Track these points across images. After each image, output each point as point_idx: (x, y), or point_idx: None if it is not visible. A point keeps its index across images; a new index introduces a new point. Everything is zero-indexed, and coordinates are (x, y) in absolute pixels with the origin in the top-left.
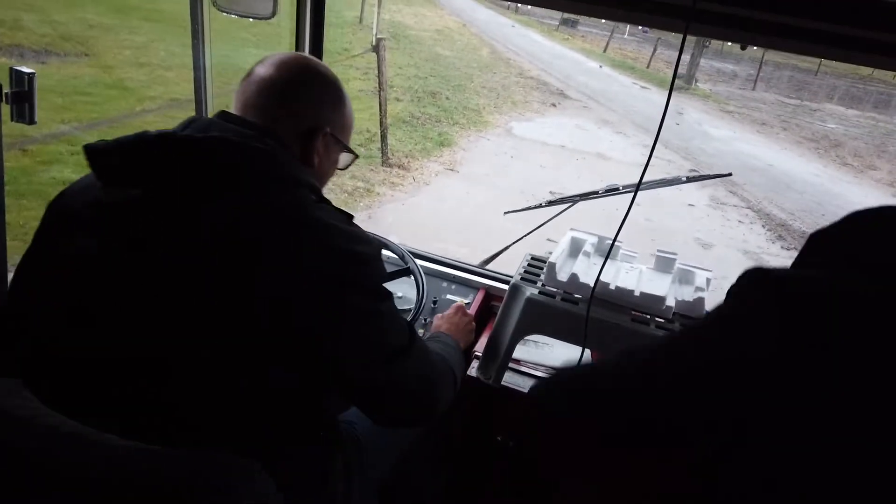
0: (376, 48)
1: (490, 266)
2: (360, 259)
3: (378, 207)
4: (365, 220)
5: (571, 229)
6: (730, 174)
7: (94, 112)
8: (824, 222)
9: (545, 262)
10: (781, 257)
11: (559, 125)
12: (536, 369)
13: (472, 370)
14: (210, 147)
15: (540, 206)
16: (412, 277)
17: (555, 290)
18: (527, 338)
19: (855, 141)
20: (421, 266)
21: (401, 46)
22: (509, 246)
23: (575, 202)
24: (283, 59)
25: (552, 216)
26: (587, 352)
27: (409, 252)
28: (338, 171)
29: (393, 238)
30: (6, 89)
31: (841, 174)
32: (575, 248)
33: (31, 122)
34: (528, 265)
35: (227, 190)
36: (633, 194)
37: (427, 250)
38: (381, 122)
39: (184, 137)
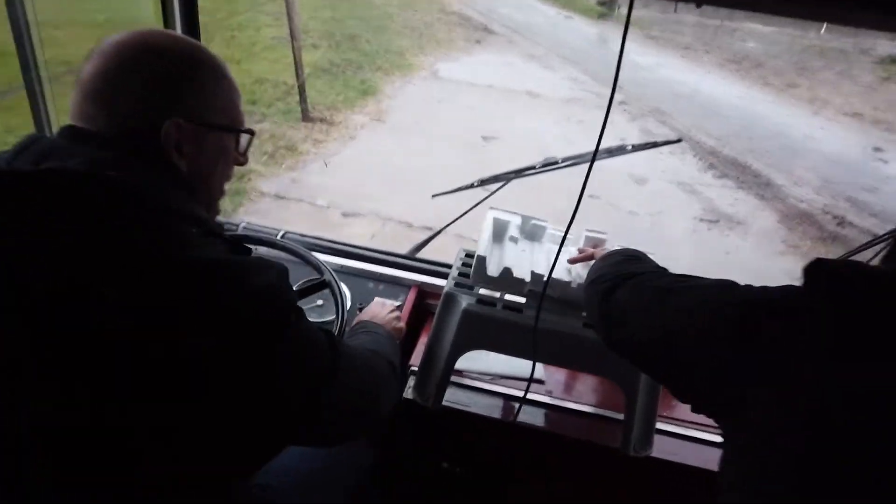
0: None
1: (422, 254)
2: (263, 294)
3: (303, 168)
4: (289, 185)
5: (491, 208)
6: (679, 140)
7: None
8: (754, 147)
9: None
10: (714, 186)
11: (485, 63)
12: (481, 380)
13: (409, 391)
14: (44, 185)
15: (472, 185)
16: (331, 290)
17: (495, 296)
18: None
19: (775, 59)
20: (343, 265)
21: None
22: (439, 232)
23: (509, 180)
24: (103, 45)
25: (486, 196)
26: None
27: (329, 243)
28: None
29: (321, 202)
30: None
31: (763, 94)
32: (498, 233)
33: None
34: (462, 265)
35: (73, 244)
36: (586, 169)
37: (357, 212)
38: (297, 75)
39: (9, 173)
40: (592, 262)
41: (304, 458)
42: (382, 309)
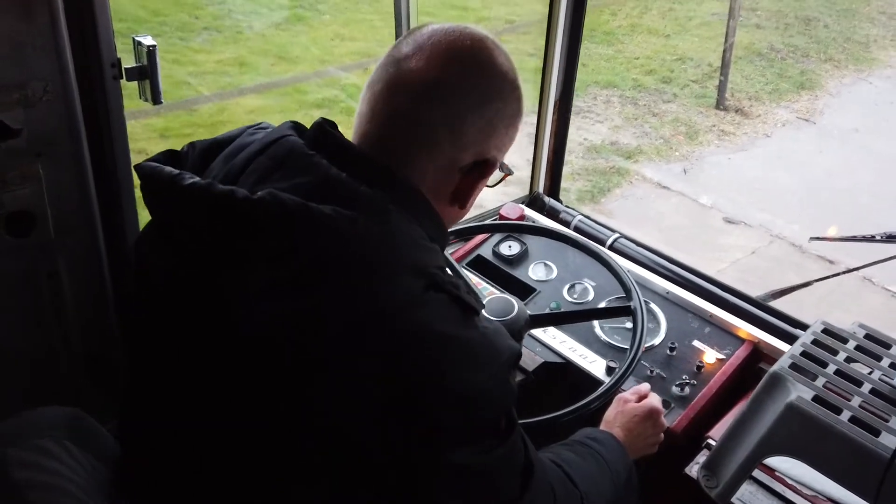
0: None
1: (776, 303)
2: (468, 396)
3: (697, 160)
4: (677, 175)
5: None
6: None
7: None
8: None
9: (846, 341)
10: None
11: None
12: (796, 490)
13: (693, 468)
14: (251, 218)
15: (871, 238)
16: (633, 321)
17: (847, 402)
18: None
19: None
20: (671, 291)
21: None
22: (809, 283)
23: None
24: (446, 45)
25: (889, 256)
26: None
27: (664, 261)
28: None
29: (704, 200)
30: (126, 64)
31: None
32: None
33: (156, 101)
34: (813, 343)
35: (271, 285)
36: None
37: (744, 220)
38: (723, 55)
39: (220, 200)
40: None
41: None
42: (648, 420)
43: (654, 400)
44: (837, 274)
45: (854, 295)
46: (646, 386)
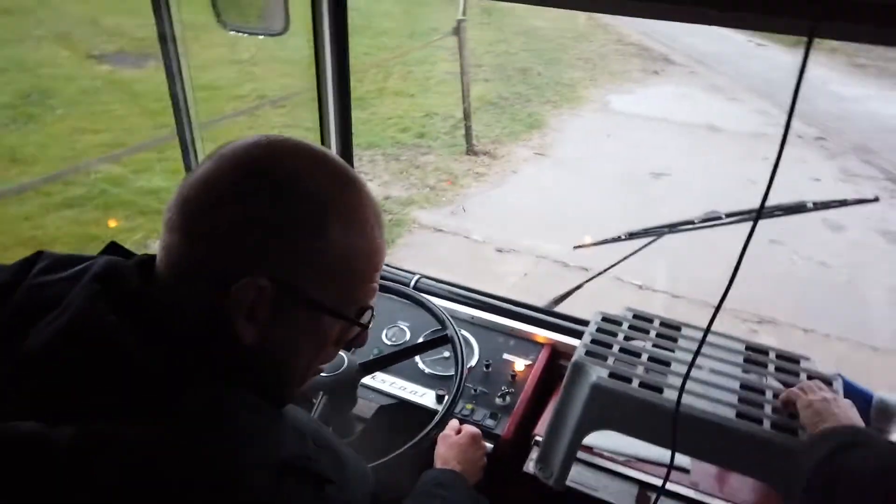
0: (457, 30)
1: (560, 308)
2: None
3: (462, 202)
4: (448, 218)
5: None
6: (876, 199)
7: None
8: None
9: (621, 324)
10: None
11: (661, 95)
12: (614, 461)
13: (529, 464)
14: (59, 465)
15: (618, 238)
16: (452, 347)
17: (633, 371)
18: None
19: None
20: (475, 316)
21: (492, 21)
22: (579, 286)
23: (661, 235)
24: (227, 148)
25: (634, 251)
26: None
27: (463, 291)
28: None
29: (476, 236)
30: None
31: None
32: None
33: None
34: (598, 331)
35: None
36: (751, 224)
37: (512, 248)
38: (464, 107)
39: (22, 440)
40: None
41: None
42: (472, 445)
43: (470, 427)
44: (600, 273)
45: (611, 292)
46: (454, 422)
